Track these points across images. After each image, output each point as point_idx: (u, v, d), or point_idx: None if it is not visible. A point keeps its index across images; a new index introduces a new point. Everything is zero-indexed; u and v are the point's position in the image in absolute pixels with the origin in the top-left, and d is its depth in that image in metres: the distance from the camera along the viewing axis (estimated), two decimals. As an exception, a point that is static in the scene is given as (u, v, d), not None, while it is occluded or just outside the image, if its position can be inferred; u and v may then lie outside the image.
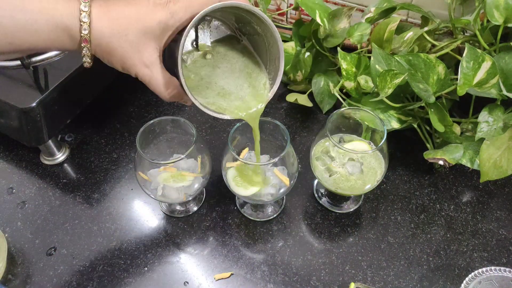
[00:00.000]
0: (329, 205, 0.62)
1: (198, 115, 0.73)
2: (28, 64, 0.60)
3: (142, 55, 0.42)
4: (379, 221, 0.60)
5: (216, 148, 0.68)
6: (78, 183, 0.65)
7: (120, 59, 0.43)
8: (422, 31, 0.65)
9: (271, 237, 0.59)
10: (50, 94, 0.58)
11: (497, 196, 0.63)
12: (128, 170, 0.66)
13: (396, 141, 0.68)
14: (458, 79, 0.55)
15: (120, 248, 0.58)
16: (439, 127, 0.58)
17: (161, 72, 0.44)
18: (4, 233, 0.59)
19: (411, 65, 0.59)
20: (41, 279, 0.55)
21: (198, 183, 0.56)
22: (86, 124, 0.72)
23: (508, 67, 0.57)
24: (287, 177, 0.55)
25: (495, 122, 0.57)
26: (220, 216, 0.61)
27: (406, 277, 0.55)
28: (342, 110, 0.57)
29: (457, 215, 0.61)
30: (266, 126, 0.56)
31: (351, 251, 0.57)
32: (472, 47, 0.54)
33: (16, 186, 0.64)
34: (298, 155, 0.67)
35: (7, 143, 0.69)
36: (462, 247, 0.58)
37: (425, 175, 0.65)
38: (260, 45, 0.50)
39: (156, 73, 0.44)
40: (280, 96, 0.76)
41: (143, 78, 0.44)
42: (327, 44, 0.71)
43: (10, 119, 0.59)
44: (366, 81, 0.65)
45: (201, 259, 0.57)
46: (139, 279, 0.55)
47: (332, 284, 0.55)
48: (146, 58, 0.43)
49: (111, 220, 0.61)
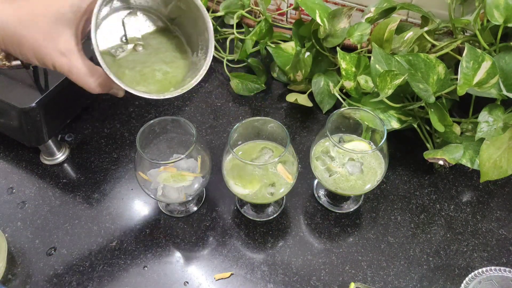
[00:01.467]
0: (329, 205, 0.62)
1: (198, 115, 0.73)
2: (28, 64, 0.60)
3: (57, 43, 0.39)
4: (379, 221, 0.60)
5: (216, 148, 0.68)
6: (78, 183, 0.65)
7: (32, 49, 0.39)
8: (422, 31, 0.65)
9: (271, 237, 0.59)
10: (50, 94, 0.58)
11: (497, 196, 0.63)
12: (128, 170, 0.66)
13: (396, 141, 0.68)
14: (458, 79, 0.55)
15: (120, 248, 0.58)
16: (439, 127, 0.58)
17: (82, 60, 0.40)
18: (4, 233, 0.59)
19: (411, 65, 0.59)
20: (41, 279, 0.55)
21: (198, 183, 0.56)
22: (86, 124, 0.72)
23: (508, 67, 0.57)
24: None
25: (495, 122, 0.57)
26: (220, 216, 0.61)
27: (406, 277, 0.55)
28: (342, 110, 0.57)
29: (457, 215, 0.61)
30: (266, 126, 0.56)
31: (351, 251, 0.57)
32: (472, 47, 0.54)
33: (16, 186, 0.64)
34: (298, 155, 0.67)
35: (7, 143, 0.69)
36: (462, 247, 0.58)
37: (425, 175, 0.65)
38: (189, 27, 0.50)
39: (76, 61, 0.40)
40: (280, 96, 0.76)
41: (61, 68, 0.40)
42: (327, 44, 0.71)
43: (10, 119, 0.59)
44: (366, 81, 0.65)
45: (201, 259, 0.57)
46: (139, 279, 0.55)
47: (332, 284, 0.55)
48: (62, 46, 0.39)
49: (111, 220, 0.61)
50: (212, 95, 0.76)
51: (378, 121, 0.55)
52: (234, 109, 0.74)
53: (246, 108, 0.75)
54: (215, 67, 0.81)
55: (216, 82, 0.79)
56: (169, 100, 0.75)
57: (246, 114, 0.74)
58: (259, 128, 0.57)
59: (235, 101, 0.76)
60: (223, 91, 0.77)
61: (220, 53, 0.81)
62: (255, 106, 0.75)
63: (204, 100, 0.76)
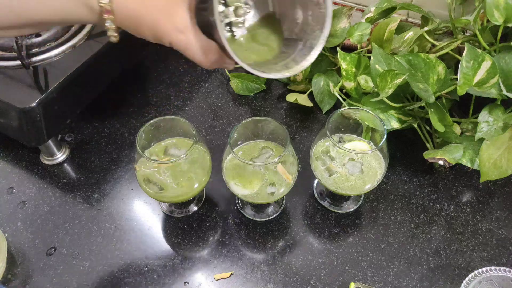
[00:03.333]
0: (329, 205, 0.62)
1: (198, 115, 0.73)
2: (28, 64, 0.60)
3: (174, 20, 0.38)
4: (379, 221, 0.60)
5: (216, 148, 0.68)
6: (78, 183, 0.65)
7: (151, 28, 0.38)
8: (422, 31, 0.65)
9: (271, 237, 0.59)
10: (50, 94, 0.58)
11: (497, 196, 0.63)
12: (128, 170, 0.66)
13: (396, 141, 0.68)
14: (458, 79, 0.55)
15: (120, 248, 0.58)
16: (439, 127, 0.58)
17: (198, 37, 0.39)
18: (4, 233, 0.59)
19: (411, 65, 0.59)
20: (41, 279, 0.55)
21: (198, 183, 0.56)
22: (86, 124, 0.72)
23: (508, 67, 0.57)
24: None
25: (495, 122, 0.57)
26: (220, 216, 0.61)
27: (406, 277, 0.55)
28: (342, 110, 0.57)
29: (457, 215, 0.61)
30: (266, 126, 0.56)
31: (351, 251, 0.57)
32: (472, 47, 0.54)
33: (16, 186, 0.64)
34: (298, 155, 0.67)
35: (7, 143, 0.69)
36: (462, 247, 0.58)
37: (425, 175, 0.65)
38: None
39: (192, 38, 0.39)
40: (280, 96, 0.76)
41: (178, 46, 0.40)
42: (327, 44, 0.71)
43: (10, 119, 0.59)
44: (366, 81, 0.65)
45: (201, 259, 0.57)
46: (139, 279, 0.55)
47: (332, 284, 0.55)
48: (180, 23, 0.38)
49: (111, 220, 0.61)
50: (212, 95, 0.76)
51: (378, 121, 0.55)
52: (234, 109, 0.74)
53: (246, 108, 0.75)
54: (215, 67, 0.81)
55: (216, 82, 0.79)
56: (169, 100, 0.75)
57: (246, 114, 0.74)
58: (259, 128, 0.57)
59: (235, 101, 0.76)
60: (223, 91, 0.77)
61: (220, 53, 0.81)
62: (255, 106, 0.75)
63: (204, 100, 0.76)
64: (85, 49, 0.63)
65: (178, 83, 0.78)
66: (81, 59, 0.61)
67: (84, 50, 0.63)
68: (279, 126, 0.55)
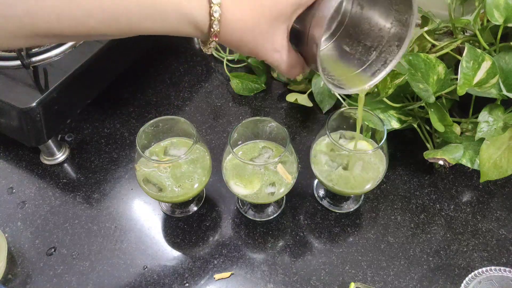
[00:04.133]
0: (329, 205, 0.62)
1: (198, 115, 0.73)
2: (28, 64, 0.60)
3: (274, 41, 0.40)
4: (379, 221, 0.60)
5: (216, 148, 0.68)
6: (78, 183, 0.65)
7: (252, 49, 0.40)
8: (422, 31, 0.65)
9: (271, 237, 0.59)
10: (50, 94, 0.58)
11: (497, 196, 0.63)
12: (128, 170, 0.66)
13: (396, 141, 0.68)
14: (458, 79, 0.55)
15: (120, 248, 0.58)
16: (439, 127, 0.58)
17: (291, 54, 0.41)
18: (4, 233, 0.59)
19: (411, 65, 0.59)
20: (41, 279, 0.55)
21: (198, 183, 0.56)
22: (86, 124, 0.72)
23: (508, 67, 0.57)
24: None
25: (495, 122, 0.57)
26: (220, 216, 0.61)
27: (406, 277, 0.55)
28: (342, 110, 0.57)
29: (457, 215, 0.61)
30: (266, 125, 0.56)
31: (351, 251, 0.57)
32: (472, 47, 0.54)
33: (16, 186, 0.64)
34: (298, 155, 0.67)
35: (7, 143, 0.69)
36: (462, 247, 0.58)
37: (425, 175, 0.65)
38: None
39: (286, 57, 0.41)
40: (280, 96, 0.76)
41: (271, 62, 0.42)
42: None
43: (10, 119, 0.59)
44: (366, 81, 0.65)
45: (201, 259, 0.57)
46: (139, 279, 0.55)
47: (332, 284, 0.55)
48: (278, 44, 0.40)
49: (111, 220, 0.61)
50: (212, 95, 0.76)
51: (378, 121, 0.55)
52: (234, 109, 0.74)
53: (246, 108, 0.75)
54: (215, 67, 0.81)
55: (216, 82, 0.79)
56: (169, 100, 0.75)
57: (246, 114, 0.74)
58: (259, 128, 0.57)
59: (235, 101, 0.76)
60: (223, 91, 0.77)
61: (220, 53, 0.81)
62: (255, 106, 0.75)
63: (204, 100, 0.76)
64: (85, 49, 0.63)
65: (178, 83, 0.78)
66: (81, 59, 0.61)
67: (84, 50, 0.63)
68: (279, 126, 0.55)
